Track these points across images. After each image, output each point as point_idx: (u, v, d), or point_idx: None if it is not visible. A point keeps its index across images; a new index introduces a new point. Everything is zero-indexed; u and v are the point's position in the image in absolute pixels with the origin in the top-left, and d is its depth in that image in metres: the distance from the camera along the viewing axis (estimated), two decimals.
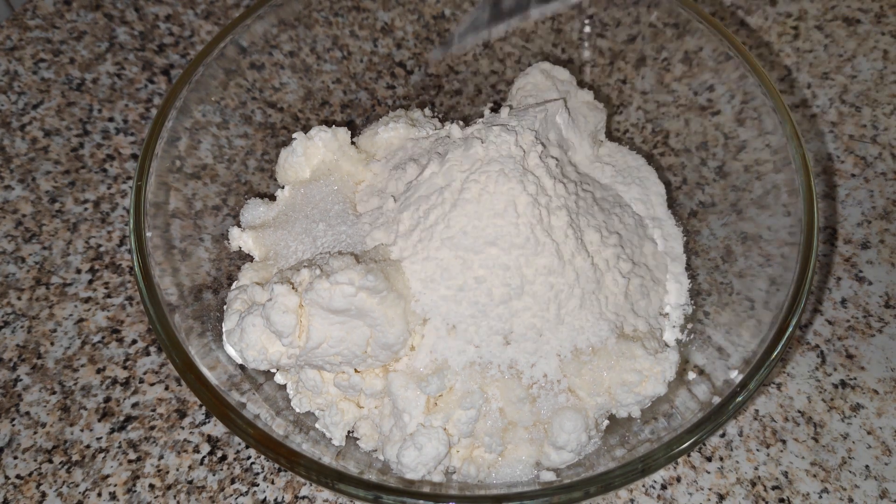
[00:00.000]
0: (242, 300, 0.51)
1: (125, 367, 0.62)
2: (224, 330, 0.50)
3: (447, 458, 0.49)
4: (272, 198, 0.62)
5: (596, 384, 0.49)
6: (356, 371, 0.49)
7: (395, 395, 0.48)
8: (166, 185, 0.52)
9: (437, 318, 0.50)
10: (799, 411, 0.59)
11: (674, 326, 0.57)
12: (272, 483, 0.57)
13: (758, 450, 0.58)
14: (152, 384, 0.62)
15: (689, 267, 0.59)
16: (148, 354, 0.63)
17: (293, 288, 0.48)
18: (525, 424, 0.49)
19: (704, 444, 0.58)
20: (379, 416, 0.50)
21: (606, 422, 0.52)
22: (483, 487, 0.48)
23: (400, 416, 0.48)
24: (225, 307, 0.53)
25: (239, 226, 0.59)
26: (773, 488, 0.57)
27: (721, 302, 0.56)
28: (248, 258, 0.59)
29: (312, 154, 0.60)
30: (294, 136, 0.59)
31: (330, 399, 0.51)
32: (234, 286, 0.55)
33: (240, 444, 0.59)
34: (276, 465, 0.56)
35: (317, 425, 0.52)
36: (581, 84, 0.65)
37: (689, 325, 0.57)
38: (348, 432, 0.52)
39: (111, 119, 0.75)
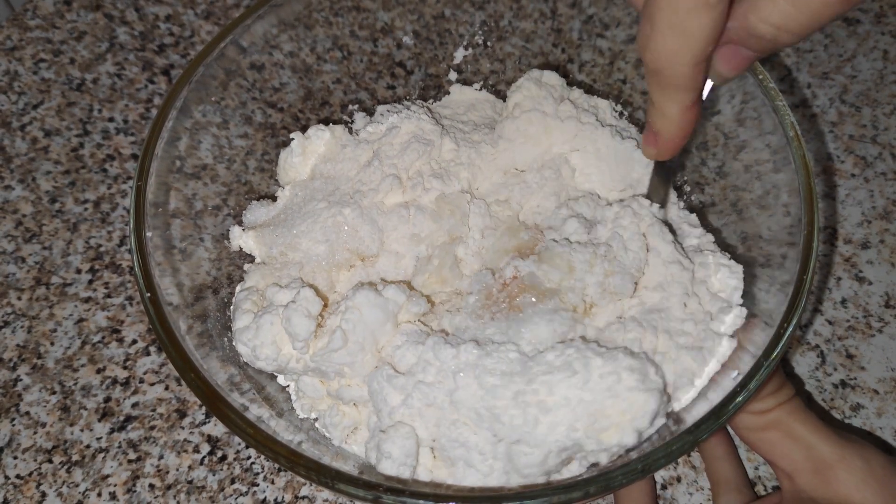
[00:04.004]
0: (253, 301, 0.51)
1: (125, 367, 0.62)
2: (235, 328, 0.51)
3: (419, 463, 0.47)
4: (273, 198, 0.62)
5: None
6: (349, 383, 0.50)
7: (373, 394, 0.48)
8: (166, 185, 0.52)
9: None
10: None
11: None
12: (272, 483, 0.57)
13: None
14: (152, 384, 0.62)
15: None
16: (148, 354, 0.63)
17: (318, 294, 0.49)
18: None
19: None
20: (367, 419, 0.51)
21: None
22: (483, 488, 0.48)
23: (378, 414, 0.48)
24: (232, 307, 0.53)
25: (240, 225, 0.59)
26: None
27: None
28: (249, 258, 0.59)
29: (311, 153, 0.60)
30: (292, 136, 0.59)
31: (329, 401, 0.51)
32: (241, 287, 0.55)
33: (240, 444, 0.59)
34: (276, 465, 0.56)
35: (317, 425, 0.52)
36: (580, 85, 0.65)
37: None
38: (348, 433, 0.52)
39: (111, 119, 0.75)
